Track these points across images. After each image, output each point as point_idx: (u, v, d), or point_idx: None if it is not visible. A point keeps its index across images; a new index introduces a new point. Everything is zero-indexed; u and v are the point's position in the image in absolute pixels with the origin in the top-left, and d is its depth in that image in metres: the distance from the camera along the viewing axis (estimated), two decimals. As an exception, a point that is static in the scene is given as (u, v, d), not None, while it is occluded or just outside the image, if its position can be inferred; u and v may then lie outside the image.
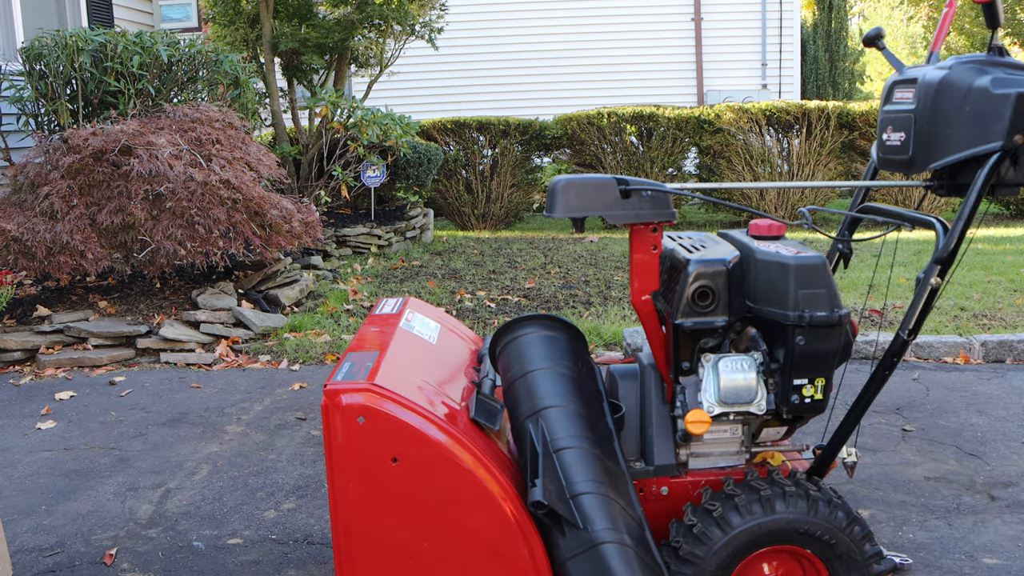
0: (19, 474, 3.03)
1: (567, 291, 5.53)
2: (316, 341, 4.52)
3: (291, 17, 7.66)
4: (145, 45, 5.03)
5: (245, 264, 5.27)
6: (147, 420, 3.55)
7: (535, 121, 9.34)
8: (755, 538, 1.64)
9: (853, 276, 5.73)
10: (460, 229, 9.39)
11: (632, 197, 1.68)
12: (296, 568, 2.34)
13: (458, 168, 9.19)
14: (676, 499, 1.79)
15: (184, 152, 4.47)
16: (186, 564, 2.38)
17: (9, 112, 5.34)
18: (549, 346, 1.85)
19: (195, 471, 3.02)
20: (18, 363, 4.35)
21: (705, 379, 1.70)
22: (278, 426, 3.44)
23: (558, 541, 1.58)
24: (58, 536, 2.57)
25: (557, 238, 7.99)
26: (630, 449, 1.83)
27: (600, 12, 12.13)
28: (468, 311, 5.06)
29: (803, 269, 1.62)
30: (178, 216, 4.35)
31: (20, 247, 4.23)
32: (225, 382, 4.04)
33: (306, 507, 2.71)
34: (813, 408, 1.69)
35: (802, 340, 1.62)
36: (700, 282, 1.67)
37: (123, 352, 4.38)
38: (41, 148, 4.61)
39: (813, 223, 1.81)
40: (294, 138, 7.64)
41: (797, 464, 1.91)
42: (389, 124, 6.81)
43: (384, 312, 2.13)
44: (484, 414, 1.73)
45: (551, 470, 1.60)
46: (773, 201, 8.84)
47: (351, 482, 1.58)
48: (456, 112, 9.76)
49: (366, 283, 5.82)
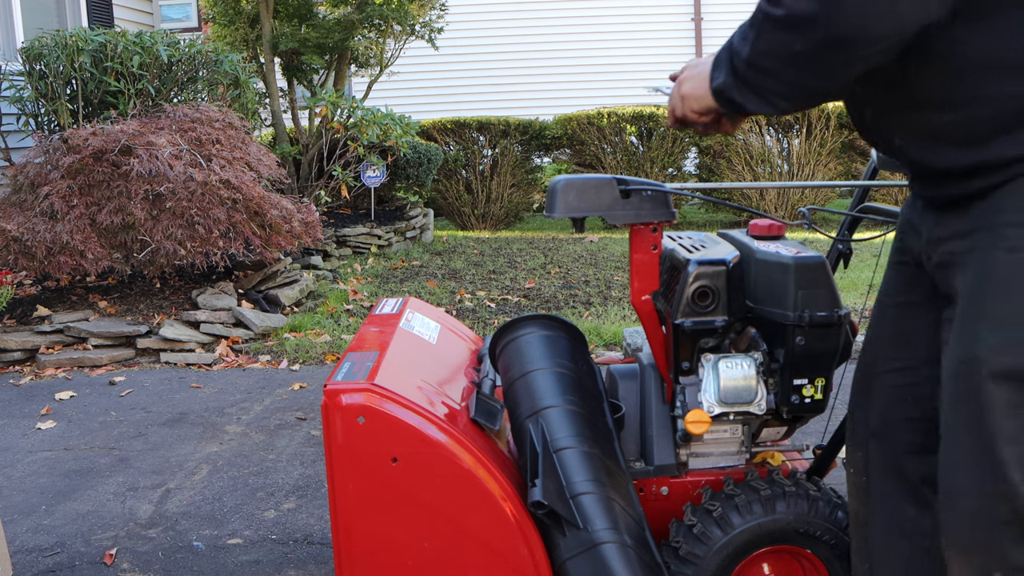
0: (19, 474, 3.03)
1: (567, 291, 5.53)
2: (316, 341, 4.52)
3: (291, 17, 7.66)
4: (145, 45, 5.02)
5: (245, 264, 5.27)
6: (147, 420, 3.55)
7: (535, 121, 9.34)
8: (755, 538, 1.64)
9: (853, 276, 5.73)
10: (460, 229, 9.39)
11: (632, 197, 1.68)
12: (296, 568, 2.34)
13: (458, 168, 9.19)
14: (676, 499, 1.79)
15: (184, 152, 4.47)
16: (186, 564, 2.38)
17: (9, 112, 5.34)
18: (549, 346, 1.85)
19: (195, 471, 3.02)
20: (18, 363, 4.35)
21: (705, 379, 1.70)
22: (278, 426, 3.44)
23: (558, 541, 1.58)
24: (58, 536, 2.57)
25: (557, 238, 7.99)
26: (630, 449, 1.83)
27: (600, 12, 12.12)
28: (468, 311, 5.06)
29: (803, 269, 1.62)
30: (178, 216, 4.35)
31: (20, 247, 4.23)
32: (225, 382, 4.04)
33: (306, 507, 2.71)
34: (813, 408, 1.69)
35: (802, 340, 1.62)
36: (700, 282, 1.67)
37: (123, 352, 4.38)
38: (41, 148, 4.61)
39: (813, 223, 1.81)
40: (294, 138, 7.64)
41: (797, 464, 1.91)
42: (389, 124, 6.81)
43: (384, 312, 2.13)
44: (484, 414, 1.73)
45: (551, 470, 1.60)
46: (773, 201, 8.84)
47: (351, 482, 1.58)
48: (456, 112, 9.75)
49: (366, 283, 5.82)
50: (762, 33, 1.09)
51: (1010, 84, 1.06)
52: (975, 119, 1.09)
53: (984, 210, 1.12)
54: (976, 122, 1.10)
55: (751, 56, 1.12)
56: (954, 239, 1.18)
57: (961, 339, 1.12)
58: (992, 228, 1.10)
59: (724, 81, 1.19)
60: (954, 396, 1.13)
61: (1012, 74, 1.06)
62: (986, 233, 1.11)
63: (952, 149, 1.14)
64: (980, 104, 1.09)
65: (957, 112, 1.11)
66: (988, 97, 1.08)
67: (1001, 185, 1.10)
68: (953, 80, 1.10)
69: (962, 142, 1.12)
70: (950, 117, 1.11)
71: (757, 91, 1.15)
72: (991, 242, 1.10)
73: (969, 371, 1.10)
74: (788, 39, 1.05)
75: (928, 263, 1.27)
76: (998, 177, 1.10)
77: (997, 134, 1.08)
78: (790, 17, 1.03)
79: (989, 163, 1.10)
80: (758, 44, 1.10)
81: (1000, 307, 1.08)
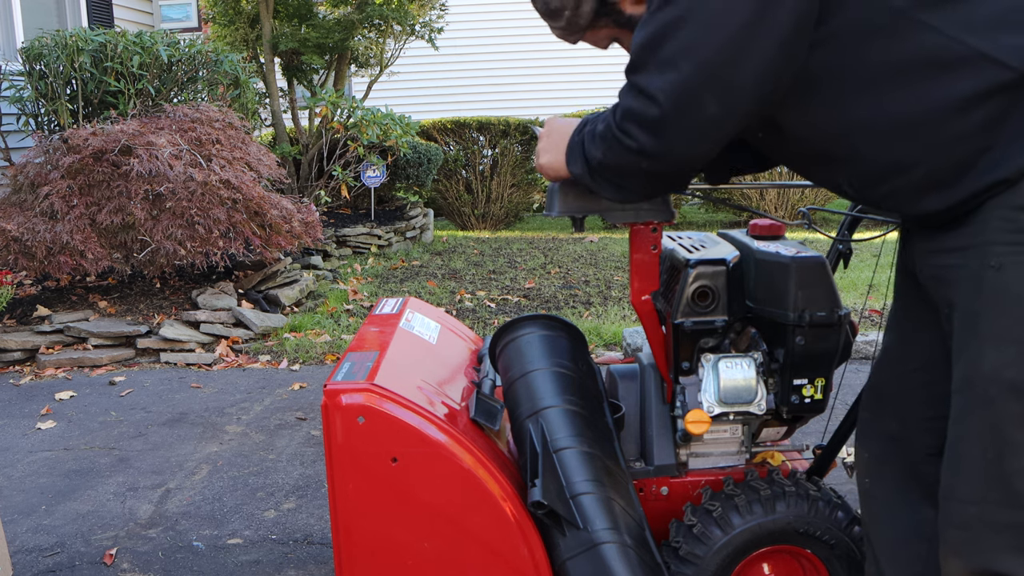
0: (19, 474, 3.03)
1: (567, 291, 5.53)
2: (316, 341, 4.52)
3: (291, 17, 7.66)
4: (145, 45, 5.02)
5: (245, 264, 5.27)
6: (147, 420, 3.55)
7: (535, 121, 9.34)
8: (755, 538, 1.64)
9: (853, 276, 5.73)
10: (460, 229, 9.39)
11: (632, 197, 1.68)
12: (296, 568, 2.34)
13: (458, 168, 9.19)
14: (676, 499, 1.79)
15: (184, 152, 4.47)
16: (186, 564, 2.38)
17: (9, 112, 5.34)
18: (549, 346, 1.85)
19: (195, 471, 3.02)
20: (18, 363, 4.35)
21: (705, 379, 1.70)
22: (278, 426, 3.44)
23: (558, 541, 1.58)
24: (58, 536, 2.57)
25: (557, 238, 7.99)
26: (630, 449, 1.83)
27: (600, 12, 12.10)
28: (468, 311, 5.06)
29: (803, 269, 1.62)
30: (178, 216, 4.35)
31: (20, 247, 4.23)
32: (225, 382, 4.04)
33: (306, 507, 2.71)
34: (813, 408, 1.69)
35: (802, 340, 1.62)
36: (700, 282, 1.67)
37: (123, 352, 4.38)
38: (41, 148, 4.61)
39: (813, 223, 1.80)
40: (294, 138, 7.64)
41: (797, 464, 1.91)
42: (389, 124, 6.81)
43: (384, 312, 2.13)
44: (484, 414, 1.73)
45: (551, 470, 1.60)
46: (773, 201, 8.84)
47: (351, 482, 1.57)
48: (456, 112, 9.75)
49: (366, 283, 5.82)
50: (613, 151, 1.29)
51: (897, 143, 1.19)
52: (934, 170, 1.18)
53: (971, 227, 1.16)
54: (935, 176, 1.18)
55: (604, 163, 1.32)
56: (943, 253, 1.22)
57: (961, 356, 1.16)
58: (979, 246, 1.14)
59: (580, 173, 1.39)
60: (962, 408, 1.17)
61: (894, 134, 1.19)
62: (973, 251, 1.15)
63: (929, 197, 1.20)
64: (919, 161, 1.19)
65: (913, 172, 1.20)
66: (898, 156, 1.20)
67: (987, 201, 1.14)
68: (859, 144, 1.22)
69: (933, 188, 1.19)
70: (910, 178, 1.21)
71: (610, 185, 1.35)
72: (979, 260, 1.14)
73: (974, 386, 1.14)
74: (637, 161, 1.27)
75: (920, 275, 1.31)
76: (983, 196, 1.14)
77: (960, 175, 1.15)
78: (640, 149, 1.24)
79: (966, 198, 1.16)
80: (609, 157, 1.30)
81: (994, 325, 1.12)
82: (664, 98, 1.19)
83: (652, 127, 1.22)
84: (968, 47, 1.12)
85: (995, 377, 1.11)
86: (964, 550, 1.16)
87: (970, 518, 1.15)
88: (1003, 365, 1.10)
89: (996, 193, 1.12)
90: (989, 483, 1.12)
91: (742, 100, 1.19)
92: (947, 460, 1.19)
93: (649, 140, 1.23)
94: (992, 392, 1.11)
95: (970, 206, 1.15)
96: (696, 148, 1.24)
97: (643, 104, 1.22)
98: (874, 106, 1.19)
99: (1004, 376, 1.10)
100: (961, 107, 1.13)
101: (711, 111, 1.19)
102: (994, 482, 1.12)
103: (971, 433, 1.15)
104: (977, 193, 1.14)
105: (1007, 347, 1.10)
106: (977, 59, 1.11)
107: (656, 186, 1.36)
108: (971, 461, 1.15)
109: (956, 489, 1.17)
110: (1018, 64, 1.10)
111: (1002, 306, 1.11)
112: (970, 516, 1.15)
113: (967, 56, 1.12)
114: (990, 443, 1.12)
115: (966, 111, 1.13)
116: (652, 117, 1.21)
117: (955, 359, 1.18)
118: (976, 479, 1.14)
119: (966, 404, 1.16)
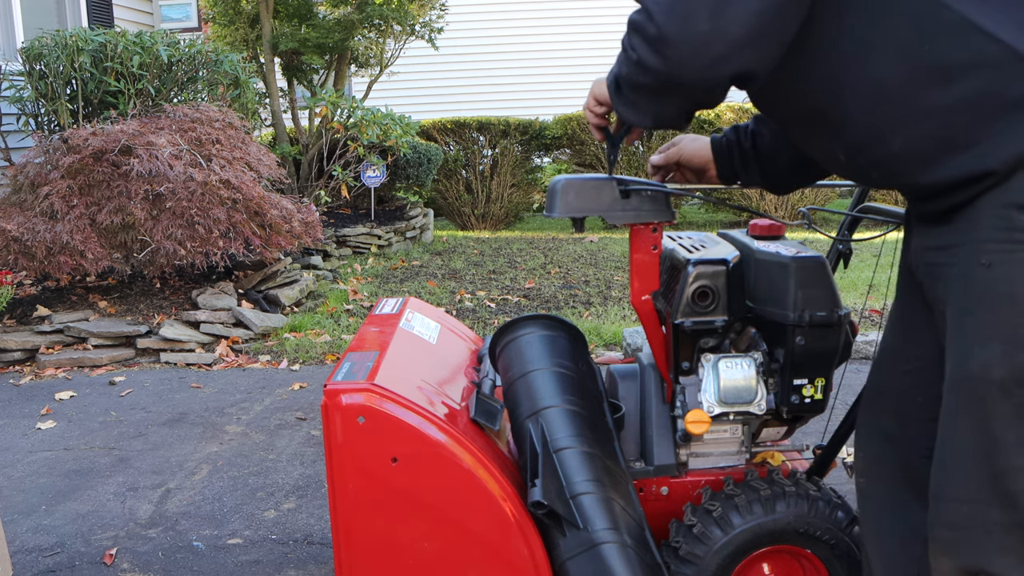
0: (19, 474, 3.03)
1: (567, 291, 5.53)
2: (316, 341, 4.52)
3: (291, 17, 7.66)
4: (145, 45, 5.02)
5: (245, 264, 5.27)
6: (147, 420, 3.55)
7: (535, 121, 9.33)
8: (755, 538, 1.64)
9: (853, 276, 5.73)
10: (460, 229, 9.39)
11: (632, 197, 1.68)
12: (296, 568, 2.34)
13: (458, 168, 9.19)
14: (676, 499, 1.79)
15: (184, 152, 4.47)
16: (186, 564, 2.38)
17: (9, 112, 5.34)
18: (549, 346, 1.85)
19: (195, 471, 3.02)
20: (18, 363, 4.35)
21: (705, 379, 1.70)
22: (278, 426, 3.44)
23: (558, 541, 1.58)
24: (58, 536, 2.57)
25: (557, 238, 7.99)
26: (630, 449, 1.83)
27: (600, 12, 12.11)
28: (468, 311, 5.06)
29: (803, 269, 1.62)
30: (178, 216, 4.35)
31: (20, 247, 4.23)
32: (225, 382, 4.04)
33: (306, 507, 2.71)
34: (813, 408, 1.69)
35: (802, 340, 1.62)
36: (700, 282, 1.67)
37: (123, 352, 4.38)
38: (41, 148, 4.61)
39: (813, 223, 1.80)
40: (294, 138, 7.64)
41: (797, 464, 1.91)
42: (389, 124, 6.81)
43: (384, 312, 2.13)
44: (484, 414, 1.73)
45: (551, 470, 1.60)
46: (773, 201, 8.84)
47: (351, 482, 1.57)
48: (456, 112, 9.75)
49: (366, 283, 5.82)
50: (624, 64, 1.32)
51: (931, 96, 1.15)
52: (915, 139, 1.18)
53: (964, 223, 1.15)
54: (916, 146, 1.18)
55: (618, 76, 1.36)
56: (937, 250, 1.22)
57: (953, 354, 1.16)
58: (970, 243, 1.14)
59: (611, 94, 1.41)
60: (952, 407, 1.16)
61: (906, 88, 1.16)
62: (965, 248, 1.15)
63: (912, 170, 1.20)
64: (900, 129, 1.18)
65: (894, 140, 1.20)
66: (905, 118, 1.18)
67: (979, 196, 1.13)
68: (864, 108, 1.21)
69: (924, 162, 1.18)
70: (890, 146, 1.21)
71: (627, 104, 1.37)
72: (970, 258, 1.13)
73: (964, 385, 1.14)
74: (640, 74, 1.28)
75: (916, 271, 1.31)
76: (975, 189, 1.13)
77: (944, 152, 1.15)
78: (639, 61, 1.26)
79: (955, 180, 1.15)
80: (623, 71, 1.33)
81: (984, 322, 1.11)
82: (658, 11, 1.20)
83: (650, 40, 1.23)
84: (956, 13, 1.11)
85: (983, 376, 1.10)
86: (954, 550, 1.16)
87: (960, 518, 1.15)
88: (991, 364, 1.10)
89: (987, 188, 1.11)
90: (979, 483, 1.12)
91: (733, 23, 1.18)
92: (937, 459, 1.19)
93: (647, 53, 1.24)
94: (980, 391, 1.11)
95: (961, 198, 1.15)
96: (691, 65, 1.22)
97: (643, 18, 1.24)
98: (862, 66, 1.18)
99: (992, 375, 1.10)
100: (943, 76, 1.12)
101: (702, 27, 1.18)
102: (983, 481, 1.12)
103: (960, 432, 1.14)
104: (966, 181, 1.13)
105: (995, 345, 1.10)
106: (964, 27, 1.10)
107: (661, 107, 1.33)
108: (960, 460, 1.14)
109: (946, 488, 1.17)
110: (1006, 37, 1.08)
111: (991, 304, 1.10)
112: (960, 516, 1.15)
113: (955, 23, 1.11)
114: (979, 442, 1.12)
115: (948, 82, 1.12)
116: (650, 32, 1.22)
117: (947, 358, 1.18)
118: (965, 478, 1.14)
119: (955, 403, 1.15)
